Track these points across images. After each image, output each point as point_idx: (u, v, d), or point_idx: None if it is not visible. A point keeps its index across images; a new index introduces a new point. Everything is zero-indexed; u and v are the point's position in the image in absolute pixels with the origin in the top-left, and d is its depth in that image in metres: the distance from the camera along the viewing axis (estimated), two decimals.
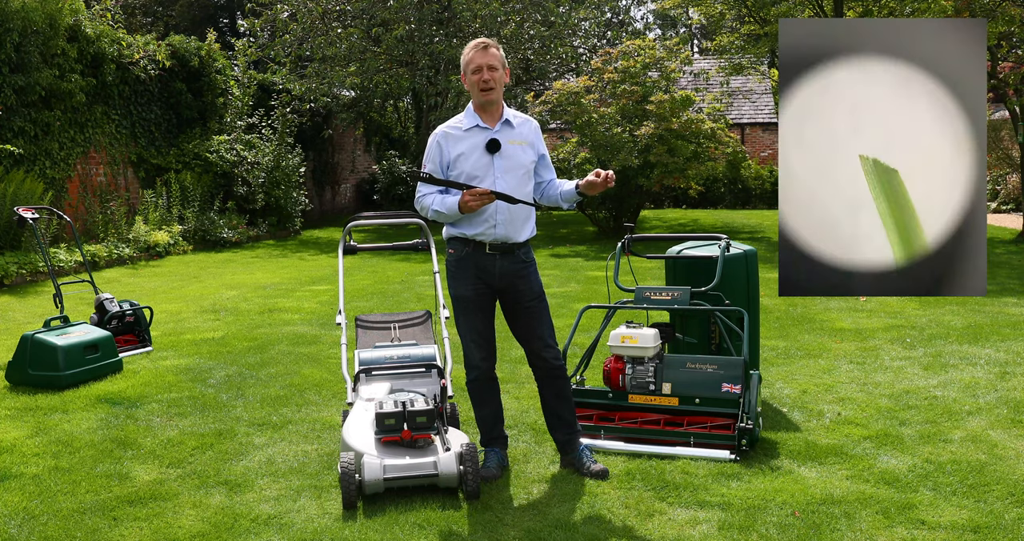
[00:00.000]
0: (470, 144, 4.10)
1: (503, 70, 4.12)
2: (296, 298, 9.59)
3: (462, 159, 4.10)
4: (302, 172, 18.12)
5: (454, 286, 4.23)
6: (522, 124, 4.21)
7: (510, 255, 4.16)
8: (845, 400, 5.34)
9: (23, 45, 12.26)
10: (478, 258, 4.14)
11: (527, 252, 4.24)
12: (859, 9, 15.06)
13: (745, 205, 23.41)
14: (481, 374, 4.26)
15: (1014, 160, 19.92)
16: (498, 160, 4.08)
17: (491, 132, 4.12)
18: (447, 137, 4.16)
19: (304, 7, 19.07)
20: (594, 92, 15.50)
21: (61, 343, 5.90)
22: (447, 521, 3.68)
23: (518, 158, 4.13)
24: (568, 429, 4.32)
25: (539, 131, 4.28)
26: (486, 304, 4.22)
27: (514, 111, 4.26)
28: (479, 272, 4.16)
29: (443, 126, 4.23)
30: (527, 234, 4.20)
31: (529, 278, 4.21)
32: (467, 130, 4.14)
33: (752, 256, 5.31)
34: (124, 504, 3.94)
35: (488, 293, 4.21)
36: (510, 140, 4.13)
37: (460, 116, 4.23)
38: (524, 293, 4.20)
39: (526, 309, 4.21)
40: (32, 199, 11.67)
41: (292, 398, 5.59)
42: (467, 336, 4.24)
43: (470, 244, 4.15)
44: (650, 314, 5.57)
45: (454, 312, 4.29)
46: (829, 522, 3.63)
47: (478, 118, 4.14)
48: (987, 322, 7.60)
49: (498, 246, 4.13)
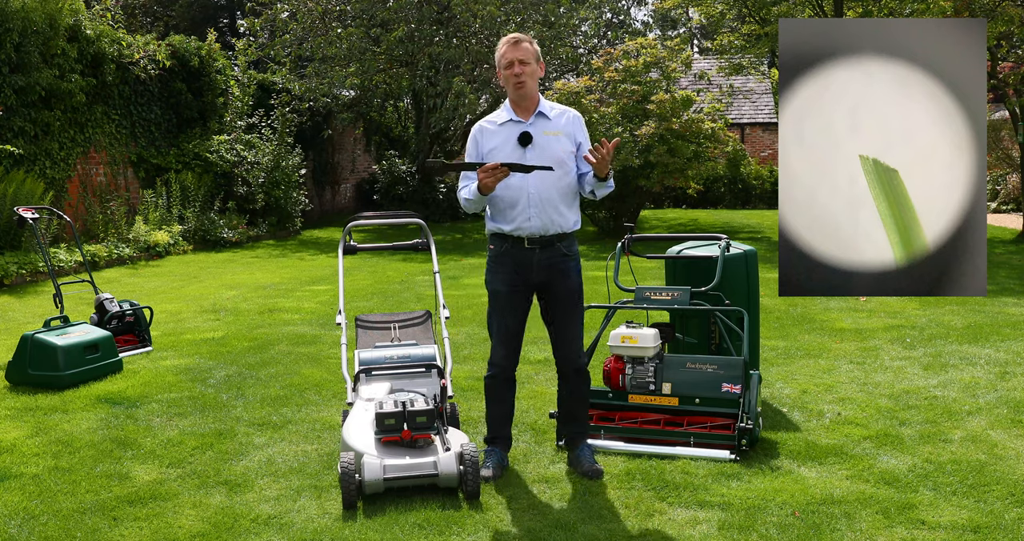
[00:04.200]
0: (503, 138, 4.14)
1: (536, 63, 4.15)
2: (296, 298, 9.59)
3: (495, 153, 4.13)
4: (302, 172, 18.12)
5: (490, 281, 4.25)
6: (559, 115, 4.21)
7: (550, 248, 4.14)
8: (845, 400, 5.34)
9: (23, 45, 12.26)
10: (516, 253, 4.15)
11: (569, 245, 4.21)
12: (859, 9, 15.06)
13: (745, 205, 23.41)
14: (500, 372, 4.27)
15: (1014, 160, 19.91)
16: (530, 152, 4.10)
17: (524, 125, 4.14)
18: (482, 131, 4.21)
19: (304, 7, 19.07)
20: (595, 92, 15.50)
21: (61, 343, 5.90)
22: (447, 521, 3.68)
23: (552, 149, 4.12)
24: (576, 427, 4.37)
25: (579, 121, 4.25)
26: (519, 302, 4.22)
27: (552, 103, 4.28)
28: (517, 267, 4.16)
29: (481, 120, 4.29)
30: (569, 225, 4.17)
31: (569, 273, 4.20)
32: (501, 124, 4.18)
33: (752, 256, 5.31)
34: (124, 504, 3.94)
35: (524, 290, 4.21)
36: (544, 131, 4.13)
37: (498, 110, 4.27)
38: (561, 288, 4.19)
39: (562, 305, 4.22)
40: (32, 199, 11.67)
41: (292, 398, 5.59)
42: (494, 332, 4.26)
43: (508, 240, 4.16)
44: (650, 314, 5.57)
45: (488, 307, 4.30)
46: (829, 522, 3.63)
47: (512, 112, 4.18)
48: (987, 322, 7.60)
49: (536, 239, 4.12)
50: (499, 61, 4.16)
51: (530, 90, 4.14)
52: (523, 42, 4.12)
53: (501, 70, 4.16)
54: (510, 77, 4.11)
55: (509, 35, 4.19)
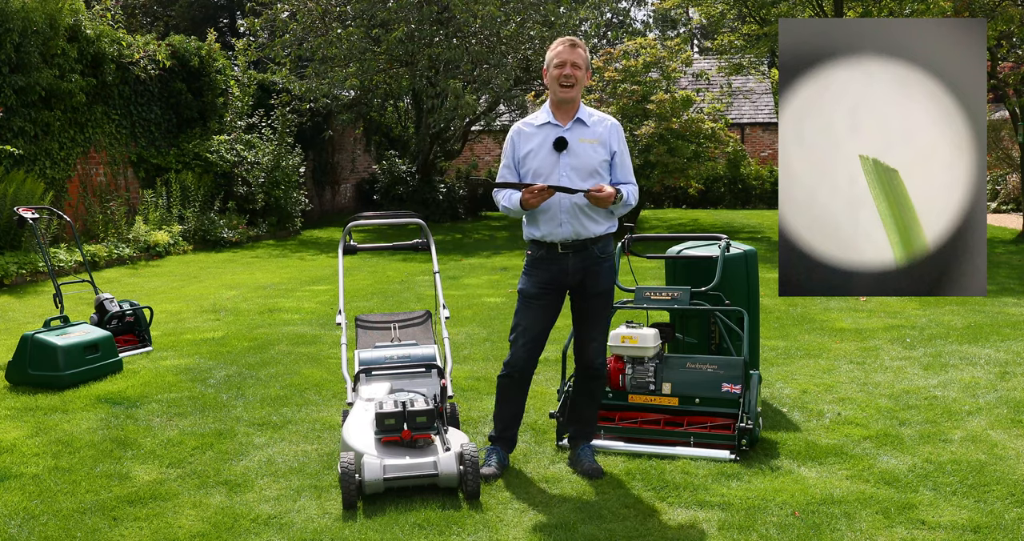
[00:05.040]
0: (539, 141, 4.14)
1: (585, 71, 4.14)
2: (296, 298, 9.59)
3: (531, 156, 4.13)
4: (302, 172, 18.12)
5: (522, 281, 4.28)
6: (597, 123, 4.19)
7: (583, 251, 4.15)
8: (845, 400, 5.34)
9: (23, 45, 12.26)
10: (551, 259, 4.17)
11: (603, 248, 4.21)
12: (859, 9, 15.05)
13: (745, 205, 23.41)
14: (515, 372, 4.26)
15: (1014, 160, 19.91)
16: (565, 158, 4.09)
17: (561, 130, 4.13)
18: (520, 133, 4.21)
19: (304, 7, 19.06)
20: (595, 92, 15.50)
21: (61, 343, 5.90)
22: (447, 521, 3.68)
23: (587, 157, 4.11)
24: (582, 426, 4.39)
25: (618, 130, 4.23)
26: (548, 304, 4.22)
27: (592, 109, 4.26)
28: (552, 272, 4.17)
29: (520, 121, 4.28)
30: (602, 230, 4.18)
31: (600, 274, 4.21)
32: (539, 126, 4.18)
33: (752, 256, 5.31)
34: (124, 504, 3.94)
35: (555, 295, 4.22)
36: (580, 138, 4.12)
37: (538, 111, 4.27)
38: (590, 288, 4.20)
39: (591, 304, 4.24)
40: (32, 199, 11.67)
41: (292, 398, 5.59)
42: (518, 334, 4.25)
43: (544, 246, 4.18)
44: (650, 314, 5.57)
45: (516, 306, 4.30)
46: (829, 522, 3.63)
47: (551, 115, 4.17)
48: (987, 322, 7.60)
49: (570, 244, 4.13)
50: (550, 60, 4.12)
51: (575, 95, 4.12)
52: (579, 48, 4.10)
53: (550, 68, 4.11)
54: (559, 76, 4.07)
55: (565, 37, 4.16)
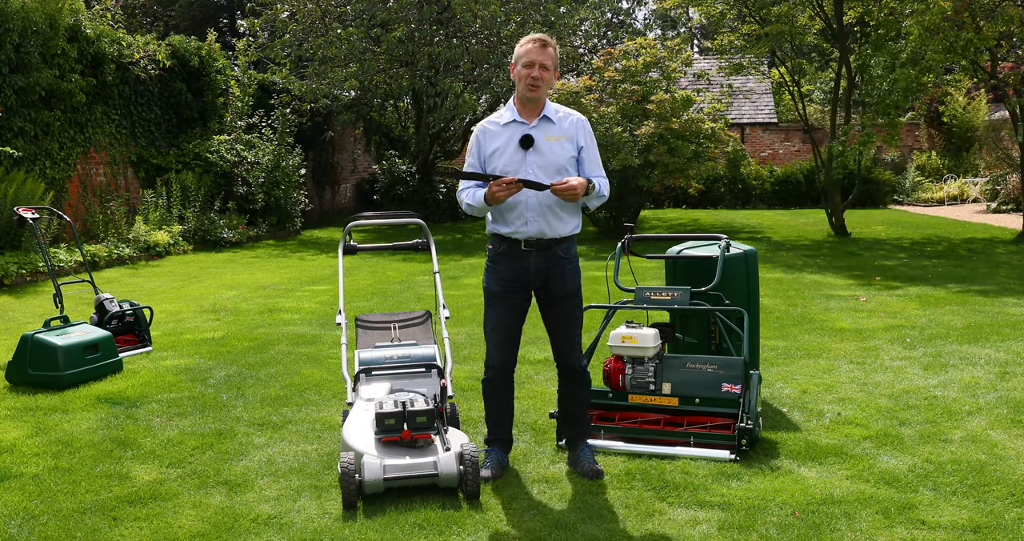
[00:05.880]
0: (505, 139, 4.10)
1: (554, 71, 4.10)
2: (296, 298, 9.59)
3: (497, 154, 4.10)
4: (302, 172, 18.12)
5: (486, 280, 4.24)
6: (564, 119, 4.15)
7: (546, 251, 4.12)
8: (845, 400, 5.34)
9: (23, 45, 12.26)
10: (514, 255, 4.13)
11: (567, 249, 4.18)
12: (859, 9, 15.04)
13: (745, 205, 23.40)
14: (496, 373, 4.25)
15: (1014, 160, 19.90)
16: (531, 156, 4.06)
17: (527, 128, 4.10)
18: (485, 132, 4.17)
19: (304, 7, 19.06)
20: (595, 92, 15.49)
21: (61, 343, 5.90)
22: (447, 521, 3.68)
23: (554, 154, 4.08)
24: (575, 429, 4.36)
25: (584, 124, 4.19)
26: (514, 303, 4.19)
27: (558, 106, 4.22)
28: (514, 269, 4.14)
29: (484, 120, 4.25)
30: (567, 230, 4.14)
31: (564, 275, 4.17)
32: (505, 125, 4.14)
33: (752, 256, 5.31)
34: (124, 504, 3.94)
35: (519, 292, 4.19)
36: (547, 136, 4.09)
37: (502, 109, 4.23)
38: (556, 290, 4.17)
39: (557, 307, 4.20)
40: (32, 199, 11.67)
41: (292, 398, 5.59)
42: (489, 334, 4.24)
43: (507, 241, 4.14)
44: (650, 314, 5.57)
45: (484, 306, 4.28)
46: (829, 522, 3.63)
47: (516, 113, 4.13)
48: (987, 322, 7.60)
49: (534, 243, 4.10)
50: (519, 57, 4.06)
51: (541, 94, 4.09)
52: (550, 47, 4.06)
53: (518, 67, 4.06)
54: (526, 77, 4.03)
55: (537, 34, 4.10)
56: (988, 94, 24.56)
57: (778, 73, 18.17)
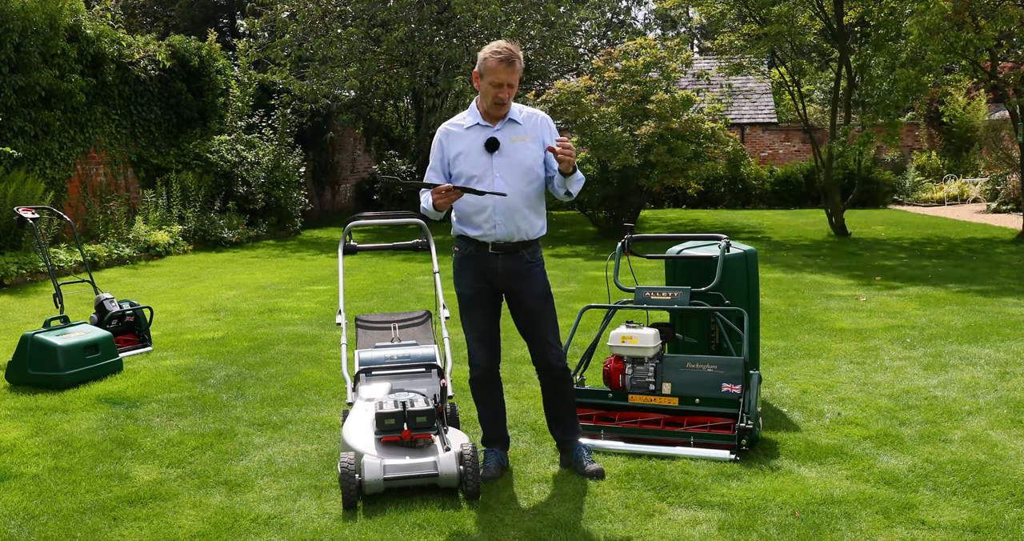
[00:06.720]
0: (469, 142, 4.07)
1: (518, 82, 4.06)
2: (296, 298, 9.59)
3: (461, 158, 4.06)
4: (302, 172, 18.12)
5: (457, 283, 4.22)
6: (528, 119, 4.12)
7: (514, 255, 4.11)
8: (845, 400, 5.34)
9: (23, 45, 12.26)
10: (481, 258, 4.13)
11: (533, 252, 4.17)
12: (859, 9, 15.03)
13: (745, 205, 23.40)
14: (482, 373, 4.25)
15: (1014, 160, 19.90)
16: (497, 158, 4.03)
17: (491, 131, 4.06)
18: (448, 135, 4.13)
19: (304, 7, 19.07)
20: (595, 92, 15.49)
21: (61, 343, 5.90)
22: (447, 521, 3.68)
23: (519, 156, 4.06)
24: (566, 429, 4.32)
25: (548, 124, 4.17)
26: (487, 303, 4.20)
27: (521, 106, 4.18)
28: (482, 271, 4.14)
29: (447, 123, 4.20)
30: (535, 232, 4.14)
31: (532, 278, 4.16)
32: (468, 128, 4.10)
33: (752, 256, 5.31)
34: (124, 504, 3.94)
35: (490, 292, 4.19)
36: (511, 138, 4.06)
37: (464, 112, 4.18)
38: (526, 293, 4.16)
39: (529, 310, 4.19)
40: (32, 199, 11.67)
41: (292, 398, 5.59)
42: (469, 334, 4.24)
43: (473, 244, 4.13)
44: (650, 314, 5.57)
45: (458, 309, 4.27)
46: (829, 522, 3.63)
47: (479, 116, 4.09)
48: (987, 322, 7.60)
49: (501, 246, 4.10)
50: (485, 73, 3.96)
51: (507, 109, 4.07)
52: (516, 63, 3.97)
53: (484, 79, 3.98)
54: (493, 95, 3.97)
55: (502, 47, 3.95)
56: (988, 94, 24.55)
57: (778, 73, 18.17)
